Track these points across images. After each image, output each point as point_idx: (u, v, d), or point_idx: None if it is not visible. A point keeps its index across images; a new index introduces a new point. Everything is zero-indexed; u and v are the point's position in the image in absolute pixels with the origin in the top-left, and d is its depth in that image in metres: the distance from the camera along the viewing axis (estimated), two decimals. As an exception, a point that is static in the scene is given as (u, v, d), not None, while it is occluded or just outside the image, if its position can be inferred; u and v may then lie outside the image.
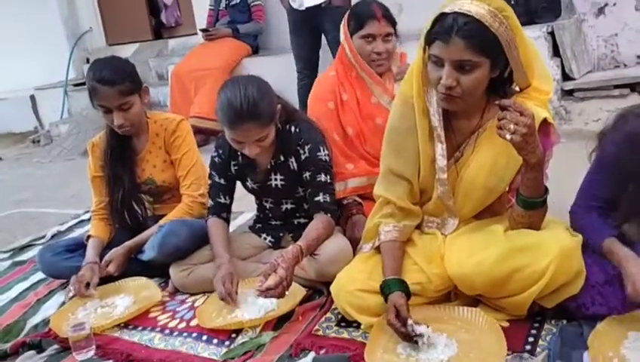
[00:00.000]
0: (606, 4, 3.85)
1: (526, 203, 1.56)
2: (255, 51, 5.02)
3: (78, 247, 2.31)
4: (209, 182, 2.17)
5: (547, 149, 1.57)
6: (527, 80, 1.57)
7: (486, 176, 1.63)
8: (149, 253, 2.15)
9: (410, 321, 1.52)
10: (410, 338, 1.53)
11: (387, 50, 2.22)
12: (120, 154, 2.31)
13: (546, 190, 1.57)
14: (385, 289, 1.62)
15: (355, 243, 1.95)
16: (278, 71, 4.45)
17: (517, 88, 1.62)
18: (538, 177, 1.52)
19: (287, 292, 1.77)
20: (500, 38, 1.47)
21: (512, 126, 1.40)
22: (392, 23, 2.24)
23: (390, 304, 1.57)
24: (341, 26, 2.29)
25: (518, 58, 1.52)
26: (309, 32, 4.08)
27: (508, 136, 1.41)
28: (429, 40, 1.53)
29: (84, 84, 5.99)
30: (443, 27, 1.48)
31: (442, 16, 1.50)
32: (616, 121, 1.61)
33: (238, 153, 2.09)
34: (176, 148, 2.31)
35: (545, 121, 1.54)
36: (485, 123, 1.64)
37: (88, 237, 2.30)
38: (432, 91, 1.62)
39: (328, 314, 1.83)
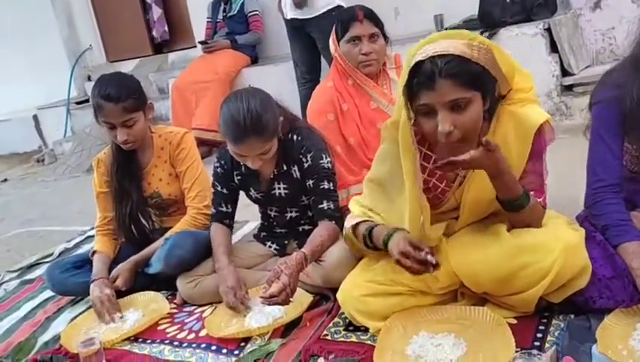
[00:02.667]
0: (601, -2, 3.85)
1: (504, 204, 1.58)
2: (254, 61, 5.05)
3: (85, 263, 2.32)
4: (212, 190, 2.19)
5: (542, 149, 1.58)
6: (509, 85, 1.55)
7: (490, 191, 1.60)
8: (155, 266, 2.16)
9: (424, 247, 1.55)
10: (422, 263, 1.54)
11: (374, 50, 2.22)
12: (126, 169, 2.32)
13: (526, 194, 1.55)
14: (385, 239, 1.64)
15: None
16: (277, 79, 4.49)
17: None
18: (504, 182, 1.52)
19: (291, 299, 1.78)
20: (483, 64, 1.43)
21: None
22: (377, 23, 2.23)
23: (399, 239, 1.59)
24: (330, 36, 2.30)
25: (501, 72, 1.50)
26: (304, 38, 4.14)
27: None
28: (411, 93, 1.47)
29: (86, 101, 6.07)
30: (424, 75, 1.41)
31: (418, 65, 1.43)
32: (601, 80, 1.66)
33: (241, 163, 2.11)
34: (181, 160, 2.32)
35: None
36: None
37: (93, 253, 2.30)
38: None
39: (336, 319, 1.83)
